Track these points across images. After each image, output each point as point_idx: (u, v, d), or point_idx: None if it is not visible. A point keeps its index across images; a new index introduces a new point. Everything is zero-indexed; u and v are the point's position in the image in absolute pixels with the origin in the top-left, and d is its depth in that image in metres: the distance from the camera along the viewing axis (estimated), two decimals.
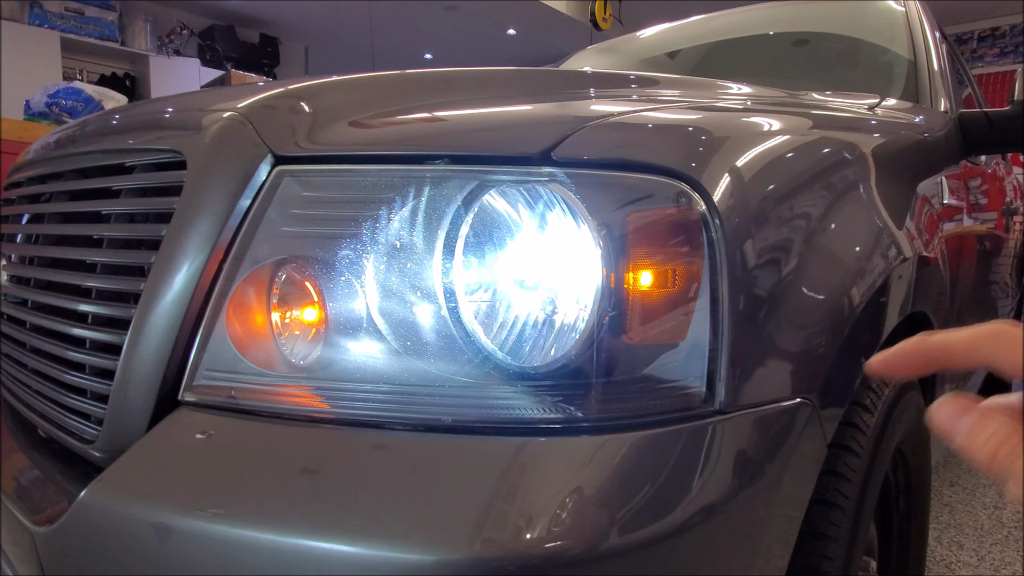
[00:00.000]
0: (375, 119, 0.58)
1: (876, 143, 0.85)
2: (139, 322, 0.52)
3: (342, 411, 0.50)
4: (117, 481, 0.49)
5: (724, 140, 0.59)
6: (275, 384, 0.51)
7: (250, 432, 0.50)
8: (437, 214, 0.50)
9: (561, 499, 0.44)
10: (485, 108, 0.64)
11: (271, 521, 0.44)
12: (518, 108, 0.63)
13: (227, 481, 0.47)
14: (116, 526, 0.48)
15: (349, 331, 0.51)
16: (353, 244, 0.51)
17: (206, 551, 0.44)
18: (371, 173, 0.52)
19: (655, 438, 0.48)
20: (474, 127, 0.57)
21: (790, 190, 0.61)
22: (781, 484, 0.54)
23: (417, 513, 0.43)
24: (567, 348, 0.48)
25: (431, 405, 0.49)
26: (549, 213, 0.49)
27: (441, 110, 0.62)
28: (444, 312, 0.50)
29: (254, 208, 0.52)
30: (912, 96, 1.35)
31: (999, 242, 1.89)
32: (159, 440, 0.51)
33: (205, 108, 0.60)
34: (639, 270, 0.47)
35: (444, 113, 0.60)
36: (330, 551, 0.42)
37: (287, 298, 0.53)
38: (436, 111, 0.61)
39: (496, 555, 0.41)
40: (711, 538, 0.49)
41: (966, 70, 2.34)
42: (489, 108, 0.64)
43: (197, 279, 0.52)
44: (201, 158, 0.54)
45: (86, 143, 0.70)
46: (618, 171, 0.50)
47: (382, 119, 0.58)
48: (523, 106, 0.64)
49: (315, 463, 0.47)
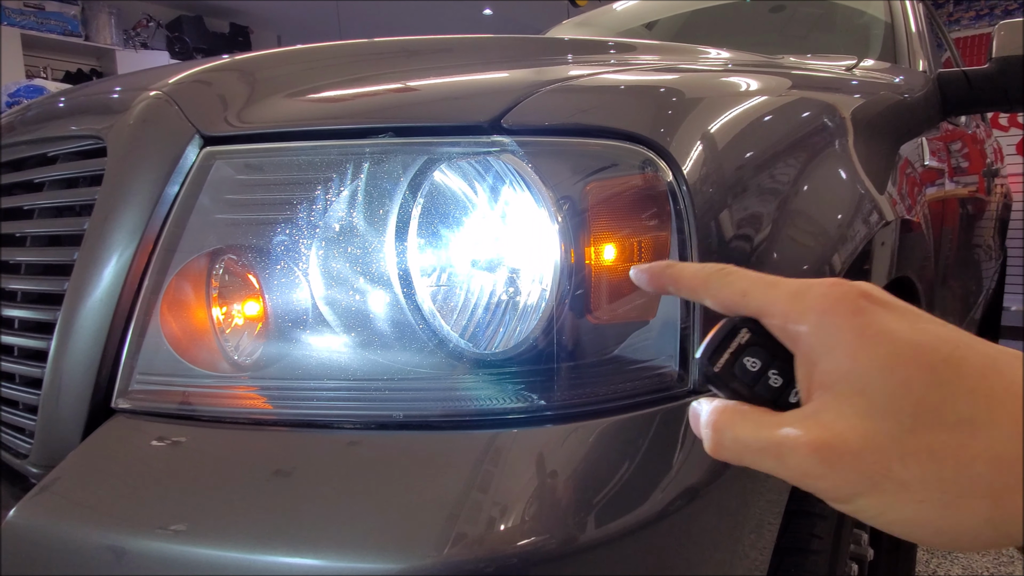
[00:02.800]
0: (316, 92, 0.54)
1: (856, 104, 0.82)
2: (64, 325, 0.48)
3: (291, 412, 0.47)
4: (47, 498, 0.45)
5: (695, 103, 0.55)
6: (218, 386, 0.48)
7: (193, 439, 0.47)
8: (383, 192, 0.46)
9: (533, 495, 0.41)
10: (442, 77, 0.59)
11: (217, 538, 0.40)
12: (474, 76, 0.58)
13: (166, 494, 0.43)
14: (48, 547, 0.44)
15: (294, 324, 0.47)
16: (294, 229, 0.47)
17: (142, 567, 0.41)
18: (308, 151, 0.48)
19: (628, 423, 0.45)
20: (421, 97, 0.53)
21: (767, 155, 0.58)
22: None
23: (382, 520, 0.40)
24: (529, 330, 0.44)
25: (388, 400, 0.45)
26: (502, 186, 0.45)
27: (392, 80, 0.57)
28: (396, 298, 0.46)
29: (182, 194, 0.48)
30: (891, 58, 1.32)
31: (981, 204, 1.88)
32: (92, 452, 0.47)
33: (131, 89, 0.55)
34: (601, 244, 0.44)
35: (393, 83, 0.56)
36: (288, 566, 0.39)
37: (227, 291, 0.49)
38: (386, 81, 0.57)
39: (468, 559, 0.38)
40: (694, 522, 0.46)
41: (944, 33, 2.31)
42: (446, 77, 0.59)
43: (125, 275, 0.48)
44: (122, 143, 0.50)
45: (24, 131, 0.65)
46: (576, 137, 0.46)
47: (324, 92, 0.54)
48: (482, 73, 0.60)
49: (267, 471, 0.43)
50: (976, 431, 0.21)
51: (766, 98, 0.64)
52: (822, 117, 0.70)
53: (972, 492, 0.21)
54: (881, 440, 0.22)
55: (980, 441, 0.21)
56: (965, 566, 1.36)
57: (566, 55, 0.74)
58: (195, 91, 0.52)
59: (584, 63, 0.68)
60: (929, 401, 0.22)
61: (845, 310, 0.24)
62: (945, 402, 0.22)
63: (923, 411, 0.22)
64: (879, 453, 0.22)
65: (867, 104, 0.85)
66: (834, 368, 0.24)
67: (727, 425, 0.26)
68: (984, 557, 1.39)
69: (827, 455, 0.23)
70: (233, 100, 0.52)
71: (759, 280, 0.28)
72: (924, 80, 1.18)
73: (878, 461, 0.22)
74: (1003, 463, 0.21)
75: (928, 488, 0.22)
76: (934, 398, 0.22)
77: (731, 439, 0.26)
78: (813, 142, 0.66)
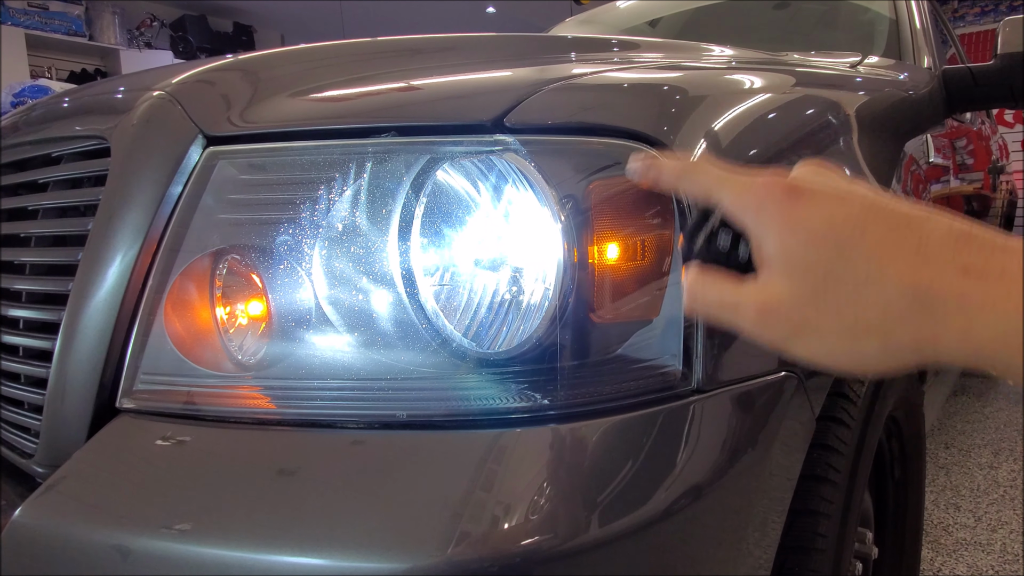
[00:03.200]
0: (319, 91, 0.53)
1: (860, 101, 0.81)
2: (69, 325, 0.48)
3: (295, 411, 0.47)
4: (52, 497, 0.45)
5: (698, 101, 0.55)
6: (221, 386, 0.48)
7: (197, 439, 0.47)
8: (386, 192, 0.46)
9: (536, 494, 0.41)
10: (445, 76, 0.59)
11: (221, 537, 0.40)
12: (476, 74, 0.58)
13: (172, 494, 0.43)
14: (54, 546, 0.44)
15: (298, 324, 0.47)
16: (297, 229, 0.47)
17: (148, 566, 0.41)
18: (311, 150, 0.48)
19: (631, 422, 0.45)
20: (424, 96, 0.53)
21: (770, 153, 0.58)
22: (769, 461, 0.52)
23: (386, 519, 0.40)
24: (532, 330, 0.44)
25: (390, 400, 0.45)
26: (505, 185, 0.45)
27: (395, 79, 0.57)
28: (399, 297, 0.46)
29: (186, 194, 0.48)
30: (895, 55, 1.31)
31: (987, 201, 1.87)
32: (97, 452, 0.47)
33: (135, 89, 0.55)
34: (604, 243, 0.44)
35: (395, 83, 0.56)
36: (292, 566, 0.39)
37: (230, 291, 0.49)
38: (389, 81, 0.57)
39: (472, 558, 0.38)
40: (698, 521, 0.46)
41: (949, 29, 2.30)
42: (449, 76, 0.59)
43: (129, 275, 0.48)
44: (126, 143, 0.50)
45: (27, 132, 0.65)
46: (579, 136, 0.46)
47: (327, 91, 0.54)
48: (485, 72, 0.59)
49: (271, 471, 0.43)
50: (870, 287, 0.29)
51: (769, 96, 0.64)
52: (826, 114, 0.70)
53: (868, 332, 0.29)
54: (802, 299, 0.30)
55: (873, 295, 0.28)
56: (970, 565, 1.36)
57: (569, 53, 0.73)
58: (198, 91, 0.52)
59: (587, 61, 0.67)
60: (835, 268, 0.29)
61: (775, 204, 0.32)
62: (847, 268, 0.29)
63: (831, 276, 0.30)
64: (801, 308, 0.30)
65: (871, 101, 0.85)
66: (769, 250, 0.32)
67: (700, 289, 0.35)
68: (989, 556, 1.39)
69: (765, 312, 0.32)
70: (236, 100, 0.52)
71: (716, 179, 0.35)
72: (929, 77, 1.18)
73: (800, 314, 0.30)
74: (889, 310, 0.28)
75: (837, 331, 0.30)
76: (839, 266, 0.29)
77: (702, 300, 0.35)
78: (817, 139, 0.66)
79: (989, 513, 1.56)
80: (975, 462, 1.85)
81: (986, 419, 2.19)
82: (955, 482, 1.73)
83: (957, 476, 1.76)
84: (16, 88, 3.22)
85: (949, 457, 1.89)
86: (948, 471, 1.80)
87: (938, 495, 1.65)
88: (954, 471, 1.80)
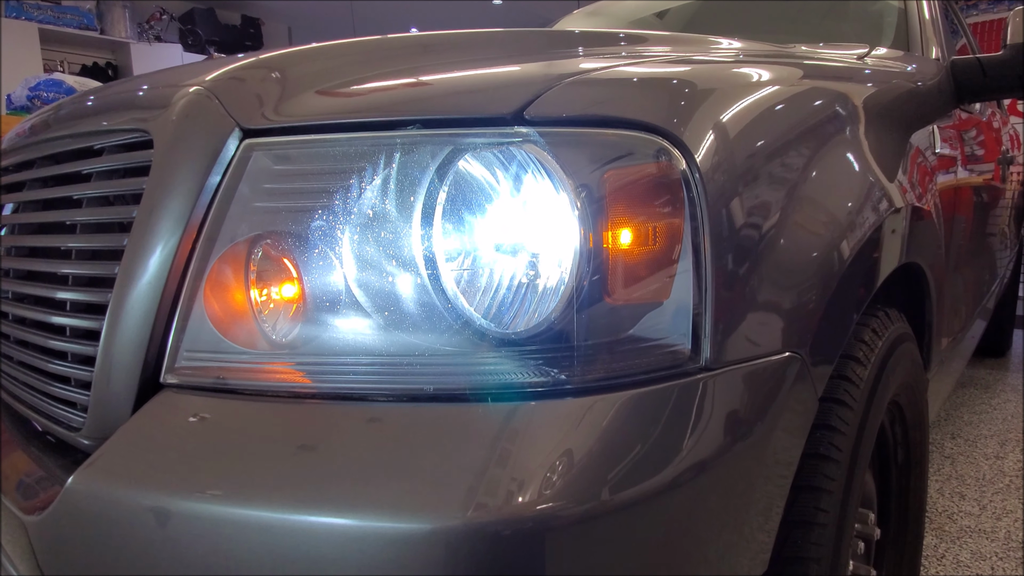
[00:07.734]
0: (345, 87, 0.56)
1: (867, 92, 0.83)
2: (116, 306, 0.52)
3: (327, 385, 0.50)
4: (105, 466, 0.49)
5: (707, 93, 0.57)
6: (257, 362, 0.51)
7: (235, 411, 0.50)
8: (411, 181, 0.49)
9: (551, 462, 0.43)
10: (463, 71, 0.62)
11: (264, 499, 0.43)
12: (493, 69, 0.61)
13: (214, 461, 0.47)
14: (106, 511, 0.47)
15: (329, 305, 0.50)
16: (328, 216, 0.50)
17: (198, 531, 0.44)
18: (341, 142, 0.50)
19: (642, 397, 0.47)
20: (446, 90, 0.55)
21: (778, 144, 0.60)
22: (772, 438, 0.54)
23: (410, 483, 0.43)
24: (549, 311, 0.47)
25: (416, 375, 0.48)
26: (524, 175, 0.47)
27: (415, 75, 0.60)
28: (423, 280, 0.49)
29: (224, 184, 0.51)
30: (903, 46, 1.32)
31: (996, 192, 1.86)
32: (144, 424, 0.50)
33: (171, 85, 0.58)
34: (618, 229, 0.46)
35: (416, 78, 0.59)
36: (327, 525, 0.42)
37: (265, 275, 0.52)
38: (410, 76, 0.59)
39: (490, 520, 0.41)
40: (703, 494, 0.49)
41: (960, 19, 2.28)
42: (467, 71, 0.62)
43: (171, 260, 0.51)
44: (167, 136, 0.53)
45: (59, 127, 0.69)
46: (594, 128, 0.48)
47: (353, 86, 0.57)
48: (501, 67, 0.62)
49: (305, 439, 0.47)
50: None
51: (777, 88, 0.66)
52: (833, 106, 0.71)
53: None
54: None
55: None
56: (974, 551, 1.38)
57: (581, 48, 0.76)
58: (233, 87, 0.55)
59: (600, 56, 0.70)
60: None
61: None
62: None
63: None
64: None
65: (878, 93, 0.87)
66: None
67: None
68: (992, 543, 1.41)
69: None
70: (268, 95, 0.55)
71: None
72: (937, 68, 1.18)
73: None
74: None
75: None
76: None
77: None
78: (824, 131, 0.68)
79: (994, 502, 1.57)
80: (981, 452, 1.87)
81: (993, 410, 2.20)
82: (961, 471, 1.74)
83: (963, 465, 1.78)
84: (32, 82, 3.26)
85: (955, 447, 1.91)
86: (954, 461, 1.81)
87: (943, 483, 1.67)
88: (960, 461, 1.81)
